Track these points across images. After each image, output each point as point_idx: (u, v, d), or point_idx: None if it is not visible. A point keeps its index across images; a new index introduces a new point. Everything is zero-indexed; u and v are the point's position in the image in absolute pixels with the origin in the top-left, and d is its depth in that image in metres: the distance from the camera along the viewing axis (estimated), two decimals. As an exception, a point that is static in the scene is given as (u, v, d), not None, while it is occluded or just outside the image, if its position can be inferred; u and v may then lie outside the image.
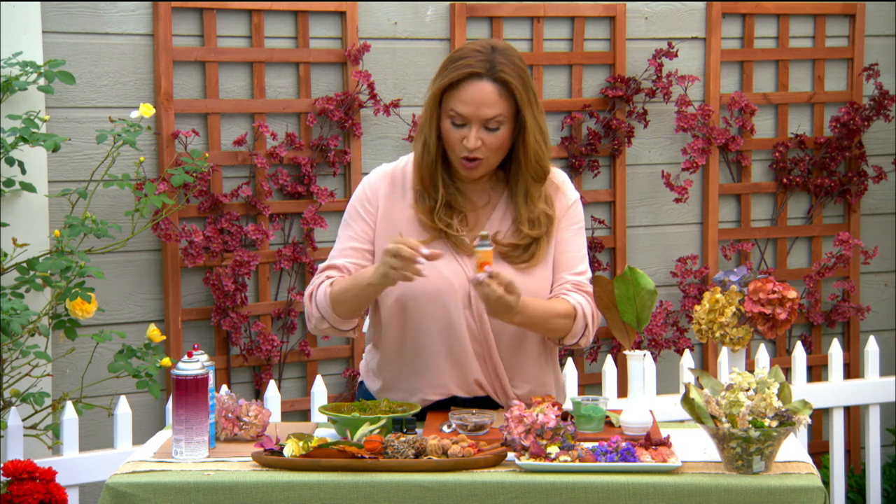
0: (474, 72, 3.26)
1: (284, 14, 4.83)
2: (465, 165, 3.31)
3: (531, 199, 3.35)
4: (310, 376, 4.86)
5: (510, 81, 3.26)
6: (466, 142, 3.27)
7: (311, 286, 3.39)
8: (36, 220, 4.41)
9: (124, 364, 4.27)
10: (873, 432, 4.95)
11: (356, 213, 3.40)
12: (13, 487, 3.69)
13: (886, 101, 5.51)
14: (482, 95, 3.26)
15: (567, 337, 3.38)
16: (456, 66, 3.28)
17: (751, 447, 2.86)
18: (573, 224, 3.42)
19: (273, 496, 2.86)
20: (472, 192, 3.39)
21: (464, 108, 3.26)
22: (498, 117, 3.27)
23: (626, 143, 5.27)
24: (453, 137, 3.29)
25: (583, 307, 3.35)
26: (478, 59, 3.27)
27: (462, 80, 3.26)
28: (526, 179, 3.35)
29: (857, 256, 5.56)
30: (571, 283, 3.38)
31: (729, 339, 4.07)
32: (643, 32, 5.32)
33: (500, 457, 2.95)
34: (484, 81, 3.26)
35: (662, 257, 5.40)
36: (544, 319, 3.31)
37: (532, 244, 3.36)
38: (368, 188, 3.41)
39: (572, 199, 3.44)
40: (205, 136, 4.73)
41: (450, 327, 3.32)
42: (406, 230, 3.35)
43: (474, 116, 3.26)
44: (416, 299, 3.32)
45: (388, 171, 3.42)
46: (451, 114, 3.28)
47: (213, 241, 4.66)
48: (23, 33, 4.38)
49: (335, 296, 3.31)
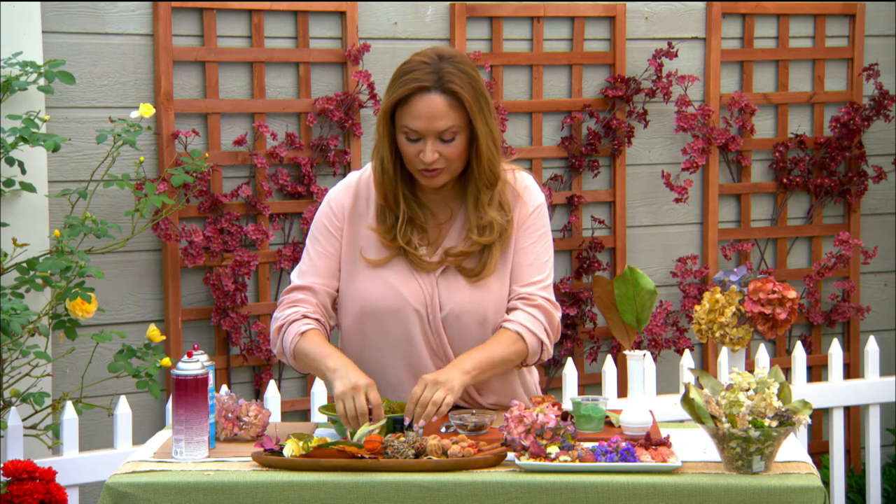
0: (422, 86, 3.21)
1: (284, 14, 4.83)
2: (426, 175, 3.28)
3: (481, 205, 3.31)
4: (310, 376, 4.86)
5: (459, 92, 3.22)
6: (423, 156, 3.23)
7: (282, 315, 3.36)
8: (36, 220, 4.41)
9: (124, 364, 4.27)
10: (873, 432, 4.95)
11: (324, 227, 3.39)
12: (13, 487, 3.69)
13: (886, 101, 5.51)
14: (432, 109, 3.21)
15: (528, 359, 3.36)
16: (403, 81, 3.23)
17: (751, 447, 2.86)
18: (534, 231, 3.37)
19: (273, 496, 2.86)
20: (434, 205, 3.37)
21: (416, 122, 3.22)
22: (451, 129, 3.23)
23: (626, 143, 5.27)
24: (409, 152, 3.26)
25: (526, 326, 3.31)
26: (425, 72, 3.22)
27: (410, 94, 3.22)
28: (477, 186, 3.31)
29: (857, 256, 5.56)
30: (519, 299, 3.34)
31: (729, 339, 4.07)
32: (643, 32, 5.32)
33: (500, 457, 2.95)
34: (433, 94, 3.22)
35: (662, 257, 5.40)
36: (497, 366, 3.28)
37: (483, 252, 3.32)
38: (334, 203, 3.40)
39: (533, 206, 3.38)
40: (205, 136, 4.73)
41: (409, 344, 3.33)
42: (367, 247, 3.35)
43: (427, 130, 3.22)
44: (375, 316, 3.33)
45: (352, 184, 3.40)
46: (405, 129, 3.24)
47: (213, 241, 4.66)
48: (23, 33, 4.38)
49: (298, 353, 3.31)
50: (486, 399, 3.40)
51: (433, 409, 3.11)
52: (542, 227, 3.39)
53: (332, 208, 3.39)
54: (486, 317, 3.33)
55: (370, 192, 3.38)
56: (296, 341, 3.31)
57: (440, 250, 3.34)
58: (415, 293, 3.31)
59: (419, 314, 3.31)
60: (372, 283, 3.33)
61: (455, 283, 3.31)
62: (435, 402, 3.11)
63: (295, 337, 3.31)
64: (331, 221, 3.39)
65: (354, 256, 3.36)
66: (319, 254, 3.38)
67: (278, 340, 3.36)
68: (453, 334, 3.33)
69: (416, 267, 3.32)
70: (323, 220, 3.40)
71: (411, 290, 3.32)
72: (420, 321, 3.31)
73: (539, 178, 5.16)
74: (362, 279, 3.34)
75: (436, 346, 3.34)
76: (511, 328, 3.31)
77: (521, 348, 3.31)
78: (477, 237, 3.30)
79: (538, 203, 3.39)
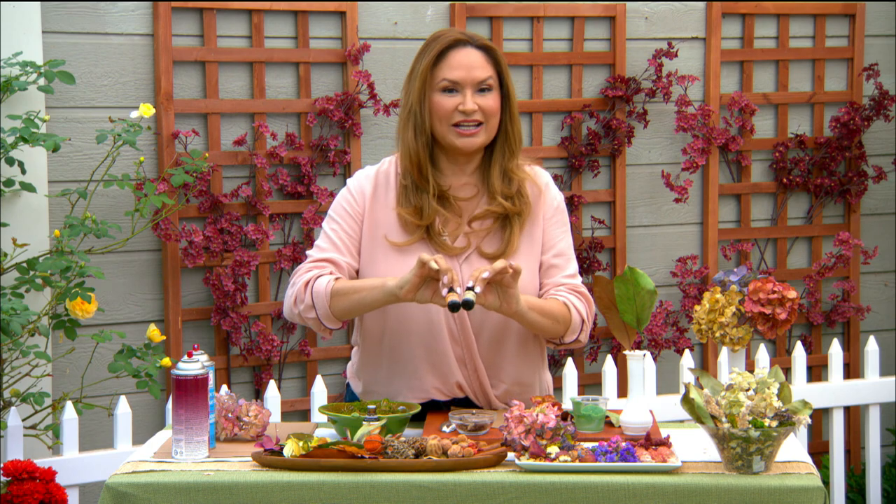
0: (458, 39, 3.34)
1: (284, 14, 4.84)
2: (462, 133, 3.31)
3: (509, 171, 3.36)
4: (310, 376, 4.87)
5: (492, 47, 3.35)
6: (462, 105, 3.30)
7: (306, 273, 3.34)
8: (36, 220, 4.41)
9: (124, 364, 4.27)
10: (873, 432, 4.95)
11: (343, 210, 3.39)
12: (13, 487, 3.69)
13: (886, 101, 5.51)
14: (471, 59, 3.32)
15: (566, 334, 3.37)
16: (438, 41, 3.34)
17: (751, 447, 2.86)
18: (562, 225, 3.44)
19: (273, 496, 2.86)
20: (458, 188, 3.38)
21: (455, 73, 3.31)
22: (488, 80, 3.33)
23: (626, 143, 5.27)
24: (447, 106, 3.31)
25: (575, 305, 3.36)
26: (457, 32, 3.37)
27: (448, 48, 3.32)
28: (505, 152, 3.36)
29: (857, 256, 5.56)
30: (565, 286, 3.39)
31: (729, 339, 4.07)
32: (643, 32, 5.32)
33: (500, 457, 2.95)
34: (468, 48, 3.34)
35: (662, 257, 5.40)
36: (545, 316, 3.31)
37: (504, 231, 3.35)
38: (355, 189, 3.41)
39: (559, 200, 3.46)
40: (205, 136, 4.73)
41: (430, 330, 3.33)
42: (389, 232, 3.36)
43: (467, 80, 3.31)
44: None
45: (371, 174, 3.42)
46: (443, 83, 3.31)
47: (213, 241, 4.66)
48: (23, 33, 4.39)
49: (338, 291, 3.28)
50: (496, 390, 3.40)
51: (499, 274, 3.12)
52: (566, 222, 3.47)
53: (353, 194, 3.40)
54: None
55: (389, 181, 3.39)
56: (332, 284, 3.29)
57: (463, 232, 3.35)
58: None
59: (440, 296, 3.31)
60: (395, 267, 3.31)
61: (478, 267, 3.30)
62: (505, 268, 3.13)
63: (330, 282, 3.29)
64: (351, 206, 3.39)
65: (376, 241, 3.36)
66: (337, 232, 3.38)
67: (306, 293, 3.30)
68: (476, 321, 3.33)
69: (440, 250, 3.33)
70: (343, 204, 3.40)
71: None
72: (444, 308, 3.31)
73: (539, 178, 5.16)
74: (384, 263, 3.34)
75: (458, 335, 3.34)
76: (560, 298, 3.36)
77: (567, 316, 3.35)
78: (501, 200, 3.34)
79: (562, 198, 3.48)
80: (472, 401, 3.39)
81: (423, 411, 3.32)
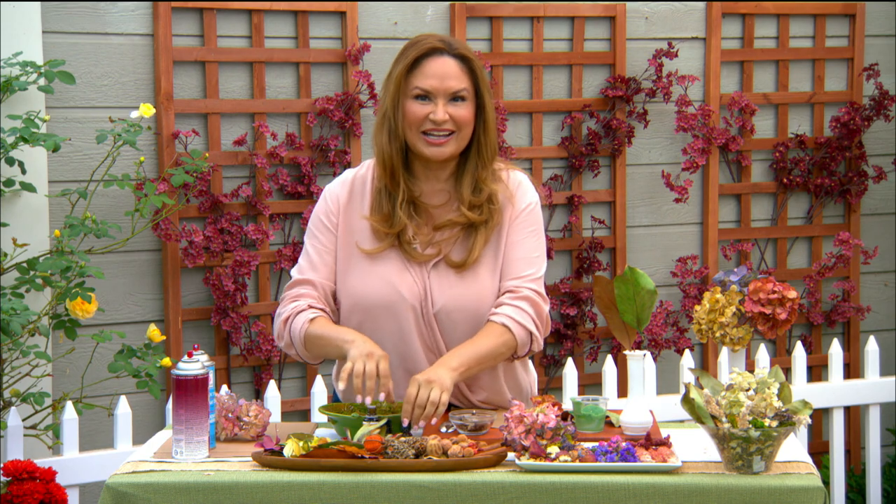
0: (436, 47, 3.31)
1: (284, 14, 4.84)
2: (431, 142, 3.30)
3: (479, 181, 3.34)
4: (310, 376, 4.87)
5: (470, 58, 3.32)
6: (434, 115, 3.28)
7: (287, 308, 3.37)
8: (36, 220, 4.41)
9: (124, 364, 4.27)
10: (873, 432, 4.95)
11: (320, 222, 3.41)
12: (13, 487, 3.69)
13: (886, 101, 5.51)
14: (445, 69, 3.30)
15: (518, 351, 3.35)
16: (416, 47, 3.32)
17: (751, 447, 2.86)
18: (526, 227, 3.38)
19: (273, 496, 2.86)
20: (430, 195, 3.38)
21: (428, 81, 3.29)
22: (462, 91, 3.30)
23: (626, 143, 5.27)
24: (419, 113, 3.29)
25: (513, 318, 3.31)
26: (435, 39, 3.33)
27: (424, 55, 3.30)
28: (477, 162, 3.34)
29: (857, 256, 5.56)
30: (506, 293, 3.34)
31: (729, 339, 4.07)
32: (643, 32, 5.32)
33: (500, 457, 2.95)
34: (445, 57, 3.31)
35: (662, 257, 5.40)
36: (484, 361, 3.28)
37: (469, 239, 3.34)
38: (330, 198, 3.42)
39: (525, 203, 3.39)
40: (205, 136, 4.73)
41: (401, 337, 3.34)
42: (361, 240, 3.37)
43: (439, 89, 3.29)
44: (368, 310, 3.34)
45: (347, 180, 3.43)
46: (416, 91, 3.30)
47: (213, 241, 4.66)
48: (23, 33, 4.38)
49: (310, 337, 3.32)
50: (477, 396, 3.40)
51: (432, 408, 3.11)
52: (534, 224, 3.40)
53: (328, 202, 3.42)
54: (478, 312, 3.33)
55: (365, 187, 3.40)
56: (306, 327, 3.32)
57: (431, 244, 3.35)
58: (409, 288, 3.32)
59: (413, 309, 3.32)
60: (367, 277, 3.34)
61: (446, 278, 3.32)
62: (433, 401, 3.12)
63: (305, 324, 3.32)
64: (326, 216, 3.41)
65: (350, 249, 3.38)
66: (317, 249, 3.40)
67: (285, 332, 3.36)
68: (446, 329, 3.34)
69: (410, 259, 3.34)
70: (319, 216, 3.42)
71: (406, 284, 3.33)
72: (414, 316, 3.32)
73: (539, 178, 5.16)
74: (357, 273, 3.36)
75: (429, 341, 3.35)
76: (497, 321, 3.31)
77: (509, 339, 3.31)
78: (467, 211, 3.32)
79: (531, 200, 3.40)
80: (455, 405, 3.40)
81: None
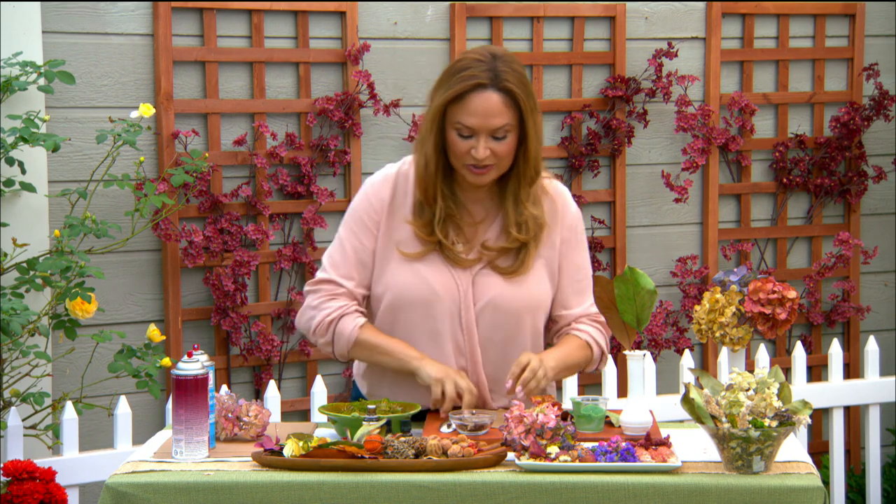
0: (480, 83, 3.23)
1: (284, 14, 4.83)
2: (473, 172, 3.29)
3: (520, 202, 3.34)
4: (310, 376, 4.87)
5: (515, 91, 3.24)
6: (475, 152, 3.24)
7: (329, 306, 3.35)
8: (36, 220, 4.41)
9: (124, 364, 4.27)
10: (873, 432, 4.95)
11: (361, 220, 3.38)
12: (13, 487, 3.69)
13: (886, 101, 5.51)
14: (488, 106, 3.23)
15: (587, 367, 3.46)
16: (460, 78, 3.24)
17: (751, 447, 2.86)
18: (577, 244, 3.45)
19: (273, 496, 2.86)
20: (471, 204, 3.38)
21: (471, 119, 3.23)
22: (505, 126, 3.25)
23: (626, 143, 5.27)
24: (461, 148, 3.26)
25: (596, 339, 3.42)
26: (481, 69, 3.23)
27: (467, 91, 3.23)
28: (518, 183, 3.34)
29: (857, 256, 5.56)
30: (586, 318, 3.44)
31: (729, 339, 4.07)
32: (643, 32, 5.32)
33: (500, 457, 2.95)
34: (489, 92, 3.23)
35: (662, 257, 5.40)
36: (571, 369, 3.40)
37: (521, 250, 3.36)
38: (374, 196, 3.39)
39: (574, 216, 3.44)
40: (205, 136, 4.73)
41: (434, 339, 3.34)
42: (402, 242, 3.36)
43: (482, 127, 3.23)
44: (403, 308, 3.34)
45: (391, 176, 3.40)
46: (458, 126, 3.25)
47: (213, 241, 4.66)
48: (23, 33, 4.38)
49: (362, 343, 3.34)
50: (497, 402, 3.42)
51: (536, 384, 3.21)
52: (581, 237, 3.47)
53: (371, 202, 3.39)
54: (520, 315, 3.35)
55: (408, 185, 3.38)
56: (356, 333, 3.33)
57: (477, 247, 3.36)
58: (447, 288, 3.32)
59: (450, 309, 3.32)
60: (404, 274, 3.33)
61: (491, 280, 3.33)
62: (539, 377, 3.20)
63: (355, 329, 3.33)
64: (369, 215, 3.38)
65: (390, 248, 3.36)
66: (356, 248, 3.37)
67: (329, 331, 3.34)
68: (485, 330, 3.34)
69: (453, 263, 3.34)
70: (361, 214, 3.39)
71: (444, 283, 3.32)
72: (450, 316, 3.32)
73: (539, 178, 5.16)
74: (395, 270, 3.35)
75: (462, 344, 3.34)
76: (581, 336, 3.41)
77: (589, 355, 3.43)
78: (517, 234, 3.33)
79: (575, 211, 3.46)
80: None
81: (423, 411, 3.32)
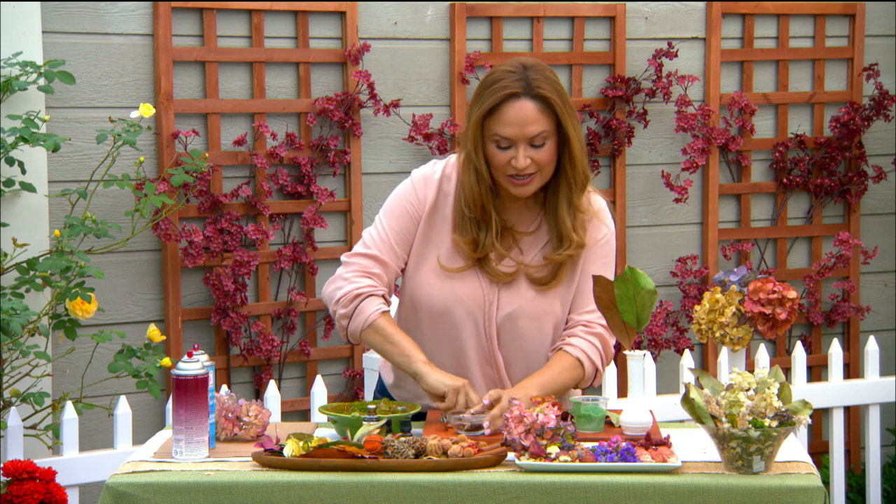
0: (512, 92, 3.23)
1: (284, 14, 4.84)
2: (515, 183, 3.27)
3: (573, 208, 3.32)
4: (310, 376, 4.87)
5: (549, 97, 3.23)
6: (515, 162, 3.23)
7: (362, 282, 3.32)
8: (36, 220, 4.41)
9: (124, 364, 4.27)
10: (873, 432, 4.95)
11: (404, 210, 3.36)
12: (13, 487, 3.69)
13: (886, 101, 5.51)
14: (523, 114, 3.22)
15: (581, 385, 3.41)
16: (492, 91, 3.24)
17: (751, 447, 2.86)
18: (602, 258, 3.39)
19: (273, 496, 2.86)
20: (516, 215, 3.37)
21: (507, 129, 3.22)
22: (542, 133, 3.23)
23: (626, 143, 5.27)
24: (500, 160, 3.25)
25: (587, 353, 3.35)
26: (513, 80, 3.24)
27: (501, 102, 3.23)
28: (570, 189, 3.32)
29: (857, 256, 5.56)
30: (580, 325, 3.38)
31: (729, 339, 4.07)
32: (643, 32, 5.32)
33: (500, 457, 2.95)
34: (523, 100, 3.23)
35: (662, 257, 5.40)
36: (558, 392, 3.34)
37: (559, 267, 3.34)
38: (420, 191, 3.37)
39: (605, 231, 3.40)
40: (205, 136, 4.73)
41: (456, 345, 3.34)
42: (442, 254, 3.34)
43: (519, 136, 3.22)
44: (427, 311, 3.34)
45: (436, 180, 3.37)
46: (496, 138, 3.24)
47: (213, 241, 4.66)
48: (23, 33, 4.39)
49: (377, 328, 3.30)
50: None
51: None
52: (610, 255, 3.41)
53: (417, 195, 3.36)
54: (543, 325, 3.34)
55: (450, 193, 3.36)
56: (375, 317, 3.30)
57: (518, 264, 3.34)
58: (473, 296, 3.31)
59: (474, 317, 3.31)
60: (432, 279, 3.33)
61: (519, 289, 3.32)
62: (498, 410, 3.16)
63: (376, 313, 3.30)
64: (413, 207, 3.35)
65: (425, 249, 3.34)
66: (395, 231, 3.35)
67: (353, 304, 3.31)
68: (506, 338, 3.34)
69: (489, 276, 3.33)
70: (405, 204, 3.37)
71: (470, 292, 3.31)
72: (473, 324, 3.31)
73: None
74: (425, 272, 3.34)
75: (486, 351, 3.34)
76: (572, 353, 3.35)
77: (579, 374, 3.36)
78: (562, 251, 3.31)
79: (607, 230, 3.41)
80: None
81: (423, 411, 3.32)
